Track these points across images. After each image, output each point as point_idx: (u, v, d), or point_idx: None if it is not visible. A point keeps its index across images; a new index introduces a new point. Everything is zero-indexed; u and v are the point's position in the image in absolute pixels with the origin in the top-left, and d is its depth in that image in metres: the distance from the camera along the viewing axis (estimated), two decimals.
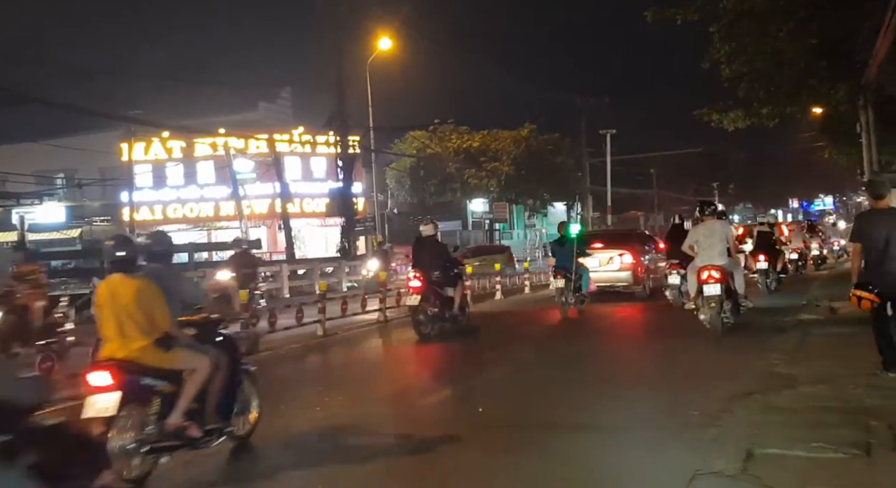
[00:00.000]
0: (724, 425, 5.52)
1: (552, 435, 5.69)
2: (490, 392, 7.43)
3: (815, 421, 5.46)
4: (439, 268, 11.49)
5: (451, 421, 6.32)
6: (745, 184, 68.66)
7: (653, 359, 8.91)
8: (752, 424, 5.46)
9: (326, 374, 9.64)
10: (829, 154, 30.81)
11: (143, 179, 38.30)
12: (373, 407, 7.06)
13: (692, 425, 5.64)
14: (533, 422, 6.10)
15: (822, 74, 18.22)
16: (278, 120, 40.82)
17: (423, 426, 6.20)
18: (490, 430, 5.93)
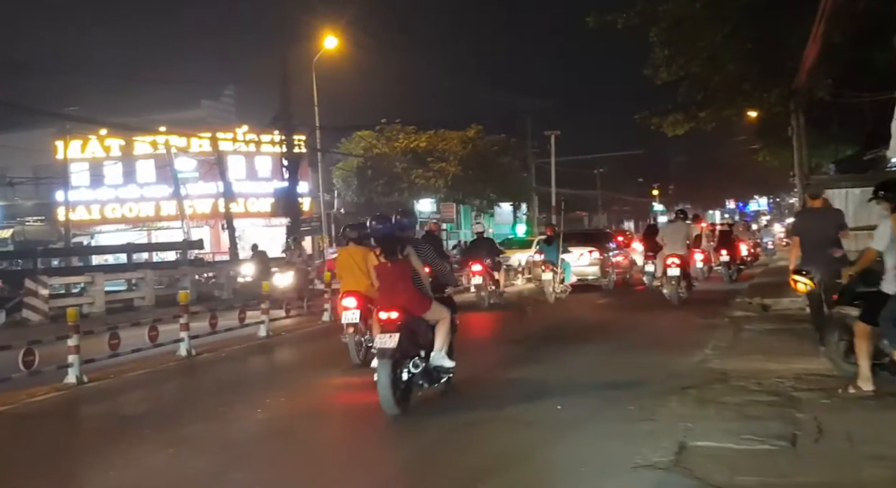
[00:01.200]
0: (660, 419, 5.70)
1: (486, 428, 5.80)
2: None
3: (745, 414, 5.68)
4: (489, 257, 15.27)
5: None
6: (684, 186, 70.37)
7: (595, 360, 9.09)
8: (686, 418, 5.65)
9: (269, 375, 9.57)
10: (763, 156, 31.83)
11: (79, 178, 37.26)
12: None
13: (629, 419, 5.80)
14: (477, 413, 6.17)
15: (755, 79, 18.84)
16: (222, 118, 40.17)
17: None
18: (421, 430, 5.99)
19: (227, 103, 43.06)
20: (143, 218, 38.72)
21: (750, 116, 26.78)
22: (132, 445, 5.95)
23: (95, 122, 30.57)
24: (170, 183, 32.59)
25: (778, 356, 7.87)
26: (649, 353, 8.84)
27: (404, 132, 40.50)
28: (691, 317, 11.97)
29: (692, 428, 5.34)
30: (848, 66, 18.10)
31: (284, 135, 26.74)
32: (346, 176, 40.92)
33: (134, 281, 19.38)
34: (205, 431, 6.34)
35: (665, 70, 19.30)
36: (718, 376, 7.08)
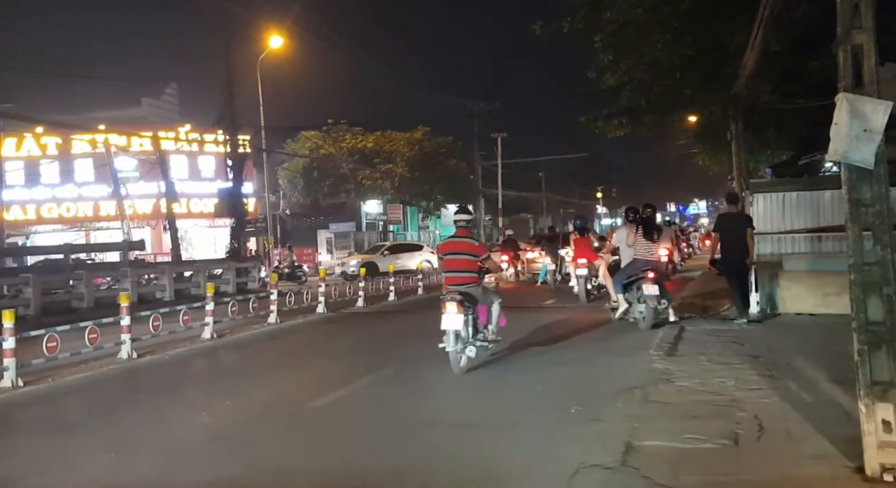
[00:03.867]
0: (606, 419, 5.78)
1: (432, 431, 5.80)
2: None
3: (689, 413, 5.81)
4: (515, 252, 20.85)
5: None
6: (626, 188, 71.72)
7: (542, 360, 9.16)
8: (632, 418, 5.75)
9: (218, 378, 9.39)
10: (703, 160, 32.63)
11: (14, 177, 36.00)
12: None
13: (576, 420, 5.87)
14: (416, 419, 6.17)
15: (696, 85, 19.28)
16: (163, 117, 39.37)
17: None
18: (363, 431, 5.96)
19: (169, 102, 42.25)
20: (81, 218, 37.69)
21: (690, 121, 27.42)
22: (70, 449, 5.77)
23: (30, 120, 29.56)
24: (109, 182, 31.72)
25: (718, 356, 8.08)
26: (595, 354, 8.96)
27: (351, 132, 40.34)
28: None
29: (638, 428, 5.43)
30: (785, 73, 18.68)
31: (228, 134, 26.34)
32: (292, 176, 40.55)
33: (72, 282, 18.76)
34: (146, 434, 6.19)
35: (609, 74, 19.61)
36: (663, 377, 7.22)
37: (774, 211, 11.79)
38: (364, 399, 7.23)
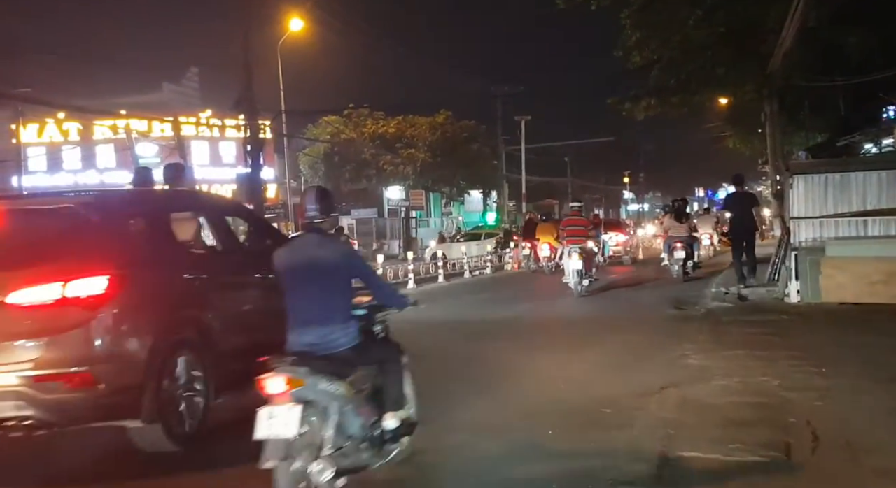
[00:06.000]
0: (638, 425, 5.20)
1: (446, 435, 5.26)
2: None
3: (731, 418, 5.21)
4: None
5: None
6: (654, 173, 70.49)
7: (563, 353, 8.59)
8: (667, 423, 5.16)
9: None
10: (734, 144, 31.70)
11: (36, 163, 35.98)
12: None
13: (605, 425, 5.29)
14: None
15: (728, 63, 18.48)
16: (184, 102, 39.10)
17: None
18: None
19: (190, 87, 41.96)
20: None
21: (720, 103, 26.57)
22: None
23: (51, 105, 29.36)
24: (131, 168, 31.49)
25: (760, 351, 7.44)
26: (624, 348, 8.36)
27: (372, 118, 39.76)
28: (663, 308, 11.53)
29: (674, 436, 4.85)
30: (822, 50, 17.83)
31: (247, 119, 25.91)
32: (313, 162, 40.12)
33: None
34: None
35: (637, 53, 18.90)
36: (699, 374, 6.61)
37: (816, 193, 11.05)
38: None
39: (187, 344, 5.21)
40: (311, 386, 3.77)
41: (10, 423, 4.55)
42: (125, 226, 5.33)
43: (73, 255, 4.80)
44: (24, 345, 4.59)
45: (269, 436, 3.62)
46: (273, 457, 3.61)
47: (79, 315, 4.62)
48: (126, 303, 4.81)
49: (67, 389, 4.53)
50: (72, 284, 4.63)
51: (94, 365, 4.61)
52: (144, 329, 4.92)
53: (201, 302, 5.47)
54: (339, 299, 4.13)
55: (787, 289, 10.94)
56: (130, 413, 4.77)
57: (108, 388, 4.63)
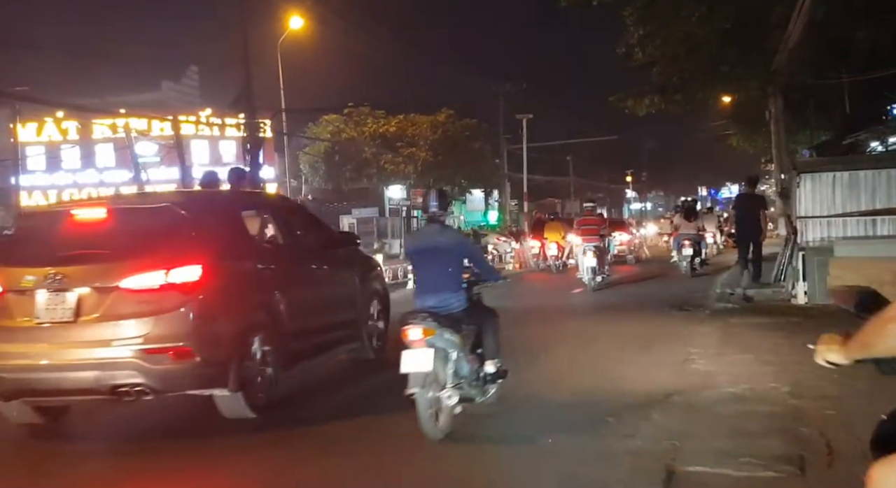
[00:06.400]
0: (642, 436, 4.93)
1: (438, 448, 5.00)
2: None
3: (740, 428, 4.94)
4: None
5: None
6: (656, 172, 70.14)
7: (566, 353, 8.33)
8: (673, 434, 4.90)
9: None
10: (737, 142, 31.39)
11: (35, 162, 35.75)
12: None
13: (608, 434, 5.03)
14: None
15: (733, 60, 18.19)
16: (184, 101, 38.92)
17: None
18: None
19: (189, 85, 41.79)
20: None
21: (724, 101, 26.28)
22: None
23: (47, 104, 29.15)
24: (130, 167, 31.29)
25: (769, 355, 7.17)
26: (628, 352, 8.10)
27: (373, 116, 39.50)
28: (667, 309, 11.27)
29: (681, 448, 4.59)
30: (830, 45, 17.54)
31: (246, 117, 25.64)
32: (314, 161, 39.90)
33: None
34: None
35: (639, 50, 18.63)
36: (705, 380, 6.35)
37: (824, 192, 10.80)
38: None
39: (260, 325, 6.01)
40: (439, 335, 5.07)
41: (125, 389, 5.33)
42: (212, 222, 6.14)
43: (173, 247, 5.60)
44: (136, 323, 5.34)
45: (411, 371, 4.91)
46: (414, 386, 4.88)
47: (178, 298, 5.40)
48: (215, 288, 5.59)
49: (171, 361, 5.31)
50: (172, 272, 5.41)
51: (192, 340, 5.37)
52: (230, 311, 5.72)
53: (270, 289, 6.28)
54: (454, 273, 5.45)
55: (794, 289, 10.68)
56: (219, 382, 5.52)
57: (203, 361, 5.40)
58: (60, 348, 5.41)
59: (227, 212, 6.53)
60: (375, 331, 8.00)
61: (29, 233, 6.24)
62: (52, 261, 5.48)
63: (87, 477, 4.95)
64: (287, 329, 6.25)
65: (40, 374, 5.43)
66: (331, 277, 7.50)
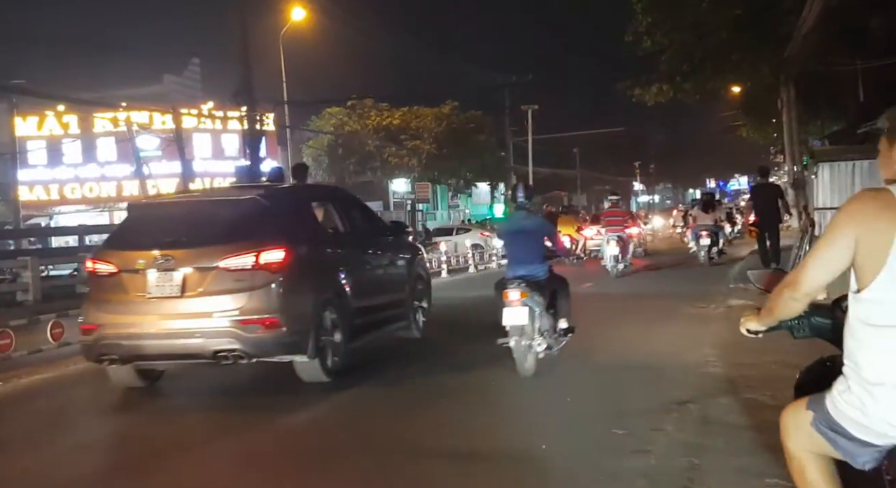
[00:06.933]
0: (655, 450, 4.49)
1: (434, 466, 4.59)
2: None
3: (762, 442, 4.47)
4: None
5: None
6: (664, 164, 69.48)
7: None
8: (689, 448, 4.46)
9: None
10: (747, 133, 30.85)
11: (36, 156, 35.44)
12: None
13: (615, 450, 4.58)
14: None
15: (744, 47, 17.68)
16: (185, 94, 38.50)
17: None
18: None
19: (191, 78, 41.36)
20: (104, 198, 36.99)
21: (733, 91, 25.78)
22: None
23: (45, 96, 28.73)
24: (132, 161, 30.93)
25: (790, 357, 6.68)
26: (639, 353, 7.64)
27: (376, 109, 39.02)
28: (681, 305, 10.78)
29: (699, 466, 4.14)
30: (844, 32, 17.01)
31: (246, 109, 25.21)
32: (317, 154, 39.43)
33: (77, 266, 17.88)
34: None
35: (648, 38, 18.15)
36: (723, 385, 5.89)
37: (843, 182, 10.33)
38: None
39: (330, 301, 6.84)
40: (530, 297, 6.43)
41: (223, 354, 6.18)
42: (290, 212, 7.06)
43: (261, 233, 6.45)
44: (232, 297, 6.19)
45: (510, 324, 6.36)
46: (513, 336, 6.38)
47: (267, 276, 6.25)
48: (295, 269, 6.42)
49: (262, 330, 6.16)
50: (262, 254, 6.25)
51: (279, 313, 6.22)
52: (307, 288, 6.56)
53: (337, 271, 7.17)
54: (538, 249, 6.89)
55: None
56: (300, 350, 6.36)
57: (288, 331, 6.24)
58: (169, 319, 6.27)
59: (302, 204, 7.44)
60: (420, 311, 8.83)
61: (138, 221, 7.15)
62: (160, 246, 6.33)
63: (186, 429, 5.71)
64: (350, 306, 7.06)
65: (153, 341, 6.30)
66: (384, 261, 8.36)
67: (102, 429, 6.04)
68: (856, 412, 2.27)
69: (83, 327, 6.51)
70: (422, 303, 8.92)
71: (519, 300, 6.36)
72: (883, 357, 2.23)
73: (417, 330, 8.65)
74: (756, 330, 2.63)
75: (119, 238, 6.98)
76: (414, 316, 8.61)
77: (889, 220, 2.20)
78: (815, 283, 2.36)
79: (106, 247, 6.95)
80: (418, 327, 8.68)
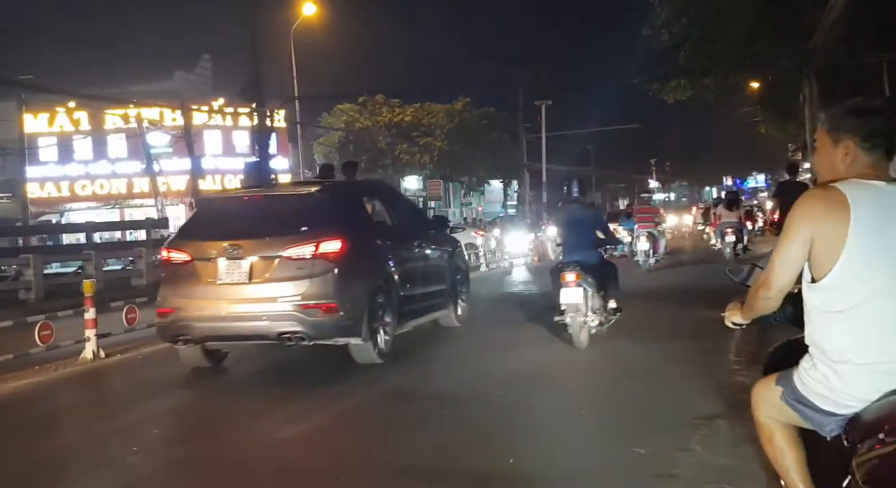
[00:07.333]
0: (682, 474, 4.01)
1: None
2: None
3: None
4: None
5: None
6: (680, 162, 68.67)
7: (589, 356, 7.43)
8: (720, 472, 3.97)
9: None
10: (766, 129, 30.18)
11: (47, 153, 35.32)
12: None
13: (639, 474, 4.11)
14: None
15: (766, 39, 17.12)
16: (197, 90, 38.14)
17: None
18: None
19: (202, 74, 41.05)
20: (114, 195, 36.92)
21: (752, 87, 25.19)
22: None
23: (53, 92, 28.49)
24: (142, 158, 30.71)
25: None
26: (661, 360, 7.16)
27: (388, 105, 38.61)
28: (705, 309, 10.25)
29: None
30: (868, 24, 16.40)
31: (255, 105, 24.88)
32: (328, 151, 39.10)
33: (81, 263, 17.58)
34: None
35: (666, 31, 17.64)
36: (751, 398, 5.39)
37: None
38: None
39: (381, 288, 7.33)
40: (584, 278, 7.31)
41: (288, 335, 6.68)
42: (345, 206, 7.63)
43: (320, 225, 6.98)
44: (295, 284, 6.70)
45: (567, 302, 7.23)
46: (569, 313, 7.26)
47: (326, 265, 6.76)
48: (351, 258, 6.90)
49: (322, 314, 6.66)
50: (321, 244, 6.77)
51: (336, 298, 6.72)
52: (361, 276, 7.07)
53: (386, 260, 7.68)
54: (591, 238, 7.81)
55: None
56: (355, 333, 6.86)
57: (345, 315, 6.74)
58: (238, 303, 6.79)
59: (355, 198, 8.01)
60: (460, 301, 9.38)
61: (207, 214, 7.79)
62: (229, 236, 6.86)
63: (249, 403, 6.19)
64: (398, 293, 7.56)
65: (223, 323, 6.83)
66: (427, 253, 8.84)
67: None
68: (822, 387, 2.49)
69: (160, 311, 7.02)
70: (461, 293, 9.47)
71: (575, 281, 7.22)
72: (844, 338, 2.44)
73: (457, 319, 9.24)
74: (739, 322, 2.85)
75: (191, 229, 7.58)
76: (454, 305, 9.17)
77: (839, 215, 2.40)
78: (784, 281, 2.55)
79: (179, 238, 7.47)
80: (458, 316, 9.27)
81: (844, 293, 2.42)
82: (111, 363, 8.15)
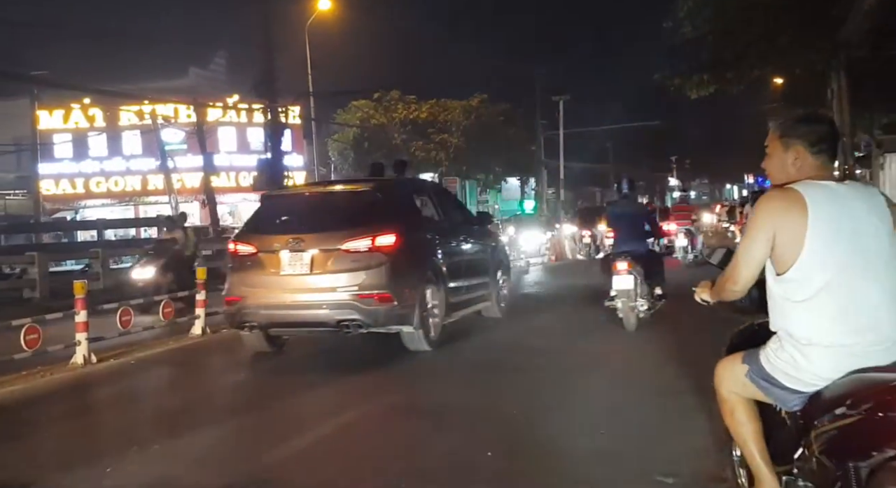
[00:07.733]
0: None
1: None
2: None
3: None
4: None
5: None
6: (701, 160, 67.72)
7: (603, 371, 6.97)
8: None
9: None
10: None
11: (62, 150, 35.22)
12: None
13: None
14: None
15: (793, 31, 16.51)
16: (211, 87, 37.91)
17: None
18: None
19: (217, 71, 40.80)
20: (129, 192, 36.74)
21: (776, 83, 24.56)
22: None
23: (66, 88, 28.32)
24: (157, 155, 30.52)
25: None
26: (670, 374, 6.67)
27: (403, 102, 38.19)
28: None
29: None
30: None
31: (267, 102, 24.55)
32: (343, 148, 38.79)
33: (88, 261, 17.32)
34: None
35: (688, 24, 17.09)
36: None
37: None
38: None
39: (430, 280, 7.82)
40: (634, 267, 8.19)
41: (346, 323, 7.18)
42: (398, 202, 8.15)
43: (375, 220, 7.42)
44: (353, 275, 7.19)
45: (618, 288, 8.11)
46: (620, 298, 8.14)
47: (381, 257, 7.22)
48: (404, 251, 7.37)
49: (377, 303, 7.13)
50: (377, 238, 7.24)
51: (391, 288, 7.18)
52: (413, 268, 7.53)
53: (435, 254, 8.18)
54: (641, 231, 8.76)
55: None
56: (408, 321, 7.38)
57: (399, 304, 7.22)
58: (300, 293, 7.29)
59: (407, 195, 8.55)
60: (502, 294, 9.85)
61: (271, 210, 8.22)
62: (292, 230, 7.42)
63: (310, 387, 6.61)
64: (446, 285, 8.03)
65: (286, 311, 7.36)
66: (472, 248, 9.32)
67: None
68: (789, 367, 2.69)
69: (227, 299, 7.55)
70: (503, 286, 9.95)
71: (626, 269, 8.00)
72: (811, 323, 2.64)
73: (500, 311, 9.72)
74: (707, 300, 3.12)
75: (256, 224, 8.02)
76: (497, 298, 9.65)
77: (799, 213, 2.63)
78: (748, 276, 2.76)
79: (245, 232, 7.98)
80: (500, 308, 9.74)
81: (806, 283, 2.63)
82: (102, 369, 7.75)
